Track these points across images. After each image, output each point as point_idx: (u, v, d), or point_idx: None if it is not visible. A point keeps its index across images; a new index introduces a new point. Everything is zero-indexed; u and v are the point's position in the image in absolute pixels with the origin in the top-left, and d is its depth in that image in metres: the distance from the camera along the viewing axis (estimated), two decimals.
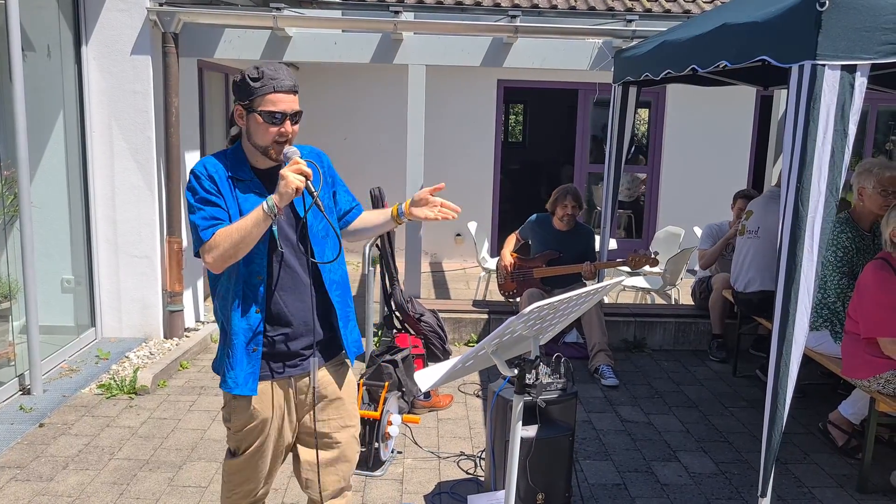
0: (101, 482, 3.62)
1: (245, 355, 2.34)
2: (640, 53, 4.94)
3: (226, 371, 2.36)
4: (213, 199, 2.26)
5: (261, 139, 2.28)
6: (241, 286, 2.33)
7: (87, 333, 5.59)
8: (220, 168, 2.31)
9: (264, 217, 2.19)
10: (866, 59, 2.72)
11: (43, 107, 5.15)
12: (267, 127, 2.25)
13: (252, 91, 2.24)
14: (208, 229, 2.23)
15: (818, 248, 2.85)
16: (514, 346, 2.25)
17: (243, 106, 2.28)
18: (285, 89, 2.26)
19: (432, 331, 5.38)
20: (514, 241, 5.88)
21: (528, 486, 3.24)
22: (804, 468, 3.95)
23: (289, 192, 2.17)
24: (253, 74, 2.25)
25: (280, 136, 2.27)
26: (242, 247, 2.22)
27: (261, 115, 2.24)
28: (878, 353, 3.58)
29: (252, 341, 2.35)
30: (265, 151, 2.29)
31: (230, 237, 2.21)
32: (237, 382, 2.35)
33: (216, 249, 2.21)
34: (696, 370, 5.54)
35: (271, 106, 2.24)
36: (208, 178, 2.28)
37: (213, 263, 2.24)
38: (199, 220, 2.25)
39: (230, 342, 2.35)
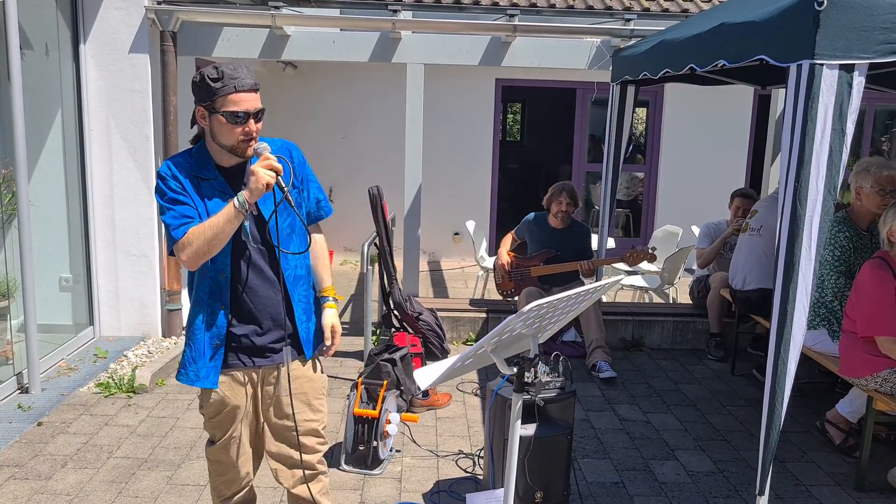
0: (100, 481, 3.62)
1: (210, 349, 2.41)
2: (638, 52, 4.94)
3: (187, 363, 2.45)
4: (181, 199, 2.30)
5: (226, 139, 2.30)
6: (208, 283, 2.39)
7: (85, 332, 5.58)
8: (185, 168, 2.34)
9: (235, 213, 2.23)
10: (864, 58, 2.72)
11: (41, 105, 5.15)
12: (231, 127, 2.26)
13: (213, 92, 2.24)
14: (179, 227, 2.27)
15: (816, 248, 2.86)
16: (513, 345, 2.25)
17: (205, 107, 2.28)
18: (246, 88, 2.26)
19: (431, 330, 5.38)
20: (511, 240, 5.88)
21: (527, 484, 3.25)
22: (802, 466, 3.96)
23: (259, 187, 2.21)
24: (212, 75, 2.24)
25: (245, 136, 2.29)
26: (216, 243, 2.26)
27: (224, 115, 2.25)
28: (876, 352, 3.59)
29: (215, 337, 2.41)
30: (232, 150, 2.32)
31: (203, 234, 2.24)
32: (198, 375, 2.43)
33: (189, 247, 2.25)
34: (694, 369, 5.55)
35: (234, 106, 2.24)
36: (173, 178, 2.32)
37: (187, 261, 2.28)
38: (170, 219, 2.29)
39: (193, 335, 2.42)
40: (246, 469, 2.66)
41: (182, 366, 2.48)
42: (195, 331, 2.42)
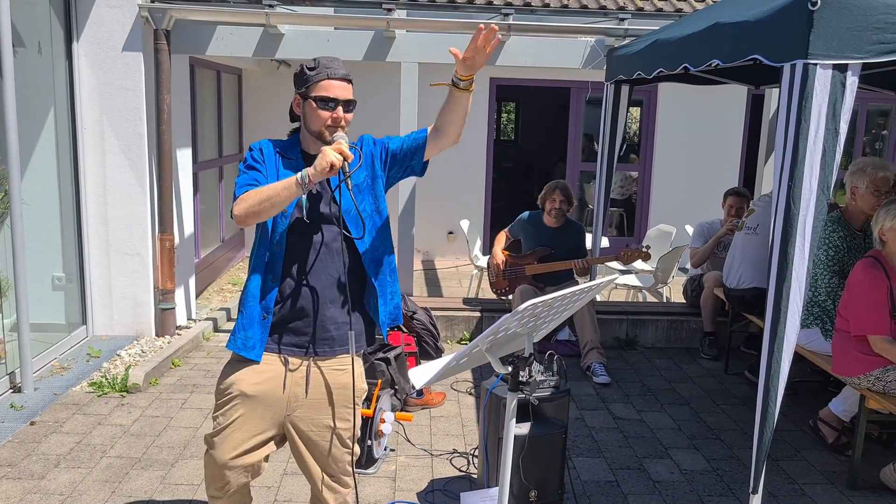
0: (93, 480, 3.61)
1: (257, 321, 2.42)
2: (632, 52, 4.95)
3: (237, 329, 2.45)
4: (256, 166, 2.41)
5: (314, 124, 2.41)
6: (264, 252, 2.42)
7: (78, 331, 5.56)
8: (272, 145, 2.48)
9: (296, 184, 2.25)
10: (858, 58, 2.73)
11: (34, 103, 5.12)
12: (320, 112, 2.38)
13: (308, 79, 2.40)
14: (244, 186, 2.36)
15: (809, 247, 2.86)
16: (507, 344, 2.25)
17: (300, 94, 2.43)
18: (338, 76, 2.41)
19: (425, 329, 5.38)
20: (504, 238, 5.88)
21: (521, 483, 3.25)
22: (795, 465, 3.97)
23: (323, 165, 2.22)
24: (310, 64, 2.41)
25: (333, 122, 2.39)
26: (267, 206, 2.28)
27: (315, 100, 2.38)
28: (868, 351, 3.60)
29: (264, 308, 2.42)
30: (319, 135, 2.41)
31: (258, 194, 2.29)
32: (246, 344, 2.43)
33: (244, 203, 2.30)
34: (688, 368, 5.56)
35: (324, 91, 2.38)
36: (259, 150, 2.45)
37: (238, 216, 2.31)
38: (240, 179, 2.39)
39: (246, 302, 2.44)
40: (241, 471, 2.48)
41: (234, 332, 2.47)
42: (248, 298, 2.43)
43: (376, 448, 3.80)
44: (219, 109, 7.89)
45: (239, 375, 2.45)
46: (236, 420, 2.45)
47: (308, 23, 5.84)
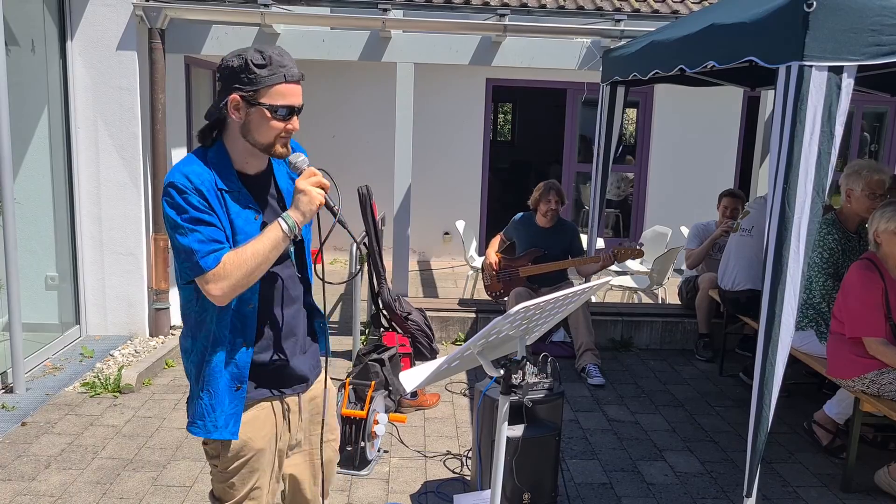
0: (85, 481, 3.59)
1: (227, 395, 2.05)
2: (628, 53, 4.95)
3: (204, 413, 2.05)
4: (206, 219, 1.93)
5: (263, 136, 1.97)
6: (230, 317, 2.03)
7: (71, 331, 5.54)
8: (207, 178, 1.96)
9: (283, 239, 1.95)
10: (853, 60, 2.73)
11: (27, 102, 5.10)
12: (272, 122, 1.95)
13: (258, 80, 1.92)
14: (209, 255, 1.91)
15: (804, 249, 2.86)
16: (500, 346, 2.24)
17: (244, 97, 1.93)
18: (295, 79, 1.96)
19: (419, 329, 5.37)
20: (499, 241, 5.87)
21: (515, 485, 3.24)
22: (789, 467, 3.97)
23: (312, 209, 1.95)
24: (258, 60, 1.92)
25: (286, 133, 1.99)
26: (258, 274, 1.95)
27: (268, 109, 1.93)
28: (863, 354, 3.60)
29: (237, 379, 2.06)
30: (267, 149, 2.00)
31: (244, 265, 1.92)
32: (217, 425, 2.05)
33: (226, 280, 1.91)
34: (683, 369, 5.56)
35: (280, 99, 1.94)
36: (195, 191, 1.92)
37: (221, 296, 1.93)
38: (196, 244, 1.91)
39: (212, 380, 2.04)
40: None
41: (198, 416, 2.06)
42: (214, 375, 2.03)
43: (370, 449, 3.79)
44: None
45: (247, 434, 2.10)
46: (260, 480, 2.18)
47: (303, 23, 5.83)
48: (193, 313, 2.08)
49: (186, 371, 2.16)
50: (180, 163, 2.01)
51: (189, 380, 2.14)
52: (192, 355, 2.10)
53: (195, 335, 2.09)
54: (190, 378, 2.13)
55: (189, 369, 2.13)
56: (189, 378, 2.14)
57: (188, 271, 1.95)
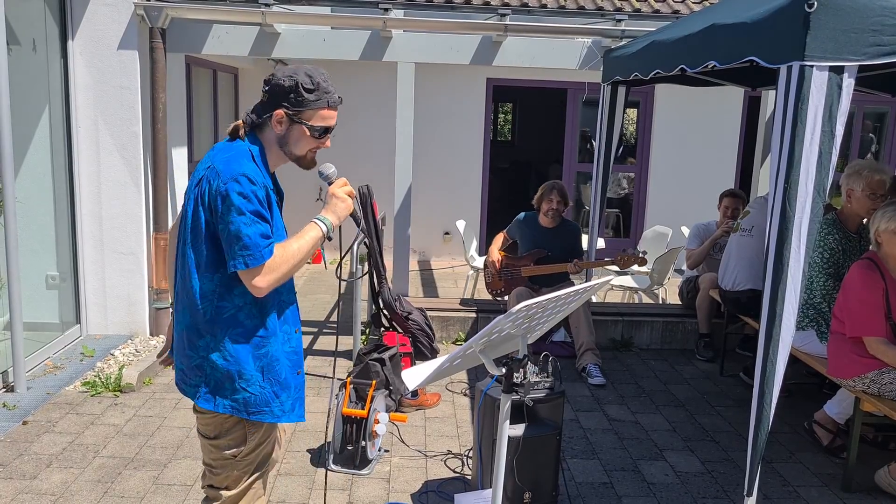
0: (86, 480, 3.59)
1: (292, 380, 2.25)
2: (628, 53, 4.95)
3: (269, 400, 2.20)
4: (265, 215, 2.11)
5: (299, 149, 2.21)
6: (276, 308, 2.21)
7: (71, 330, 5.54)
8: (261, 175, 2.14)
9: (321, 239, 2.17)
10: (854, 60, 2.73)
11: (28, 101, 5.10)
12: (311, 140, 2.20)
13: (305, 103, 2.15)
14: (267, 248, 2.07)
15: (805, 249, 2.86)
16: (501, 345, 2.25)
17: (289, 114, 2.16)
18: (336, 105, 2.22)
19: (420, 329, 5.37)
20: (502, 239, 5.87)
21: (516, 484, 3.24)
22: (790, 467, 3.97)
23: (346, 214, 2.18)
24: (308, 85, 2.14)
25: (317, 148, 2.25)
26: (295, 270, 2.14)
27: (310, 129, 2.18)
28: (864, 353, 3.60)
29: (297, 364, 2.26)
30: (299, 161, 2.24)
31: (290, 260, 2.11)
32: (284, 410, 2.24)
33: (274, 273, 2.08)
34: (683, 369, 5.56)
35: (321, 121, 2.18)
36: (262, 186, 2.11)
37: (265, 288, 2.09)
38: (258, 237, 2.06)
39: (271, 371, 2.19)
40: None
41: (263, 405, 2.20)
42: (275, 363, 2.20)
43: (370, 449, 3.79)
44: (215, 108, 7.87)
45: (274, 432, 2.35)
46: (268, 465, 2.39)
47: (304, 22, 5.83)
48: (211, 309, 2.14)
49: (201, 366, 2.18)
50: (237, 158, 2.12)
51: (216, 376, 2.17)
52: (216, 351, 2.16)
53: (214, 332, 2.15)
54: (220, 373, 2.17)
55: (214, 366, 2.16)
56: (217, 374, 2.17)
57: (242, 262, 2.05)
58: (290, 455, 3.91)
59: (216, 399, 2.19)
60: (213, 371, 2.18)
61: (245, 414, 2.19)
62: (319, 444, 4.07)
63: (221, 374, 2.17)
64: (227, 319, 2.15)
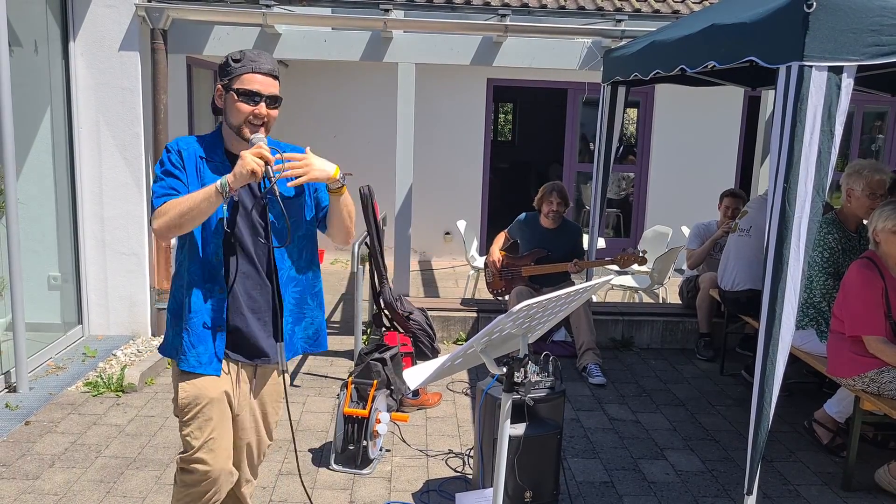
0: (88, 480, 3.60)
1: (209, 335, 2.37)
2: (629, 53, 4.96)
3: (186, 349, 2.37)
4: (174, 172, 2.31)
5: (234, 118, 2.33)
6: (199, 266, 2.36)
7: (73, 331, 5.55)
8: (193, 147, 2.36)
9: (215, 193, 2.20)
10: (853, 60, 2.74)
11: (30, 103, 5.11)
12: (241, 105, 2.30)
13: (231, 70, 2.32)
14: (161, 197, 2.28)
15: (804, 248, 2.87)
16: (502, 345, 2.26)
17: (223, 85, 2.35)
18: (263, 71, 2.31)
19: (421, 329, 5.38)
20: (503, 239, 5.89)
21: (516, 483, 3.25)
22: (790, 466, 3.98)
23: (243, 172, 2.18)
24: (236, 56, 2.32)
25: (254, 118, 2.31)
26: (188, 219, 2.23)
27: (236, 93, 2.30)
28: (863, 352, 3.61)
29: (217, 321, 2.38)
30: (238, 131, 2.33)
31: (178, 206, 2.23)
32: (200, 361, 2.37)
33: (163, 216, 2.24)
34: (684, 369, 5.57)
35: (247, 84, 2.29)
36: (177, 152, 2.34)
37: (158, 230, 2.26)
38: (157, 188, 2.31)
39: (189, 319, 2.36)
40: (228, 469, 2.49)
41: (181, 352, 2.38)
42: (192, 314, 2.36)
43: (372, 448, 3.80)
44: None
45: (201, 383, 2.39)
46: (215, 427, 2.42)
47: (305, 23, 5.84)
48: (176, 264, 2.47)
49: (167, 316, 2.49)
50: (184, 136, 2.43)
51: (168, 323, 2.47)
52: (172, 299, 2.45)
53: (175, 281, 2.46)
54: (169, 321, 2.46)
55: (168, 313, 2.46)
56: (168, 321, 2.47)
57: (150, 210, 2.35)
58: (291, 455, 3.92)
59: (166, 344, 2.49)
60: (168, 318, 2.47)
61: (175, 359, 2.42)
62: (321, 443, 4.08)
63: (170, 320, 2.46)
64: (179, 271, 2.44)
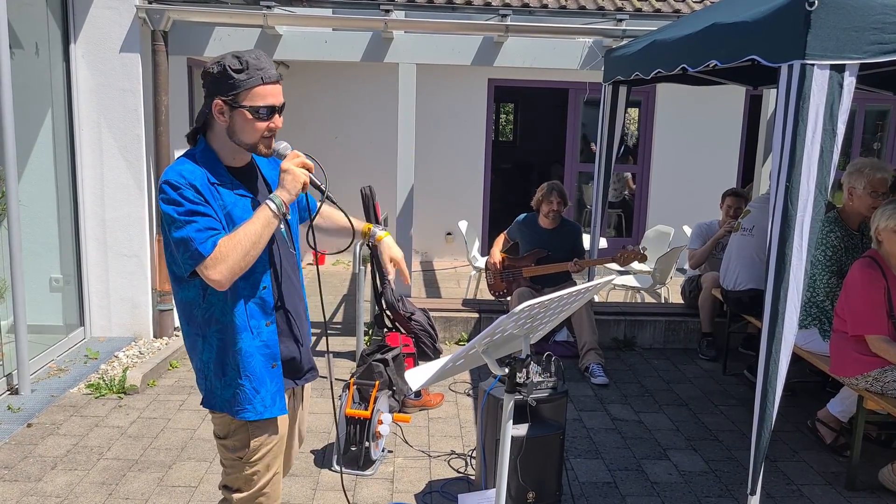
0: (90, 482, 3.60)
1: (267, 374, 2.19)
2: (630, 53, 4.95)
3: (250, 397, 2.17)
4: (201, 210, 2.03)
5: (248, 136, 2.09)
6: (243, 303, 2.13)
7: (75, 333, 5.55)
8: (199, 174, 2.07)
9: (273, 217, 2.05)
10: (855, 58, 2.73)
11: (31, 105, 5.12)
12: (255, 123, 2.07)
13: (237, 84, 2.03)
14: (207, 241, 2.00)
15: (807, 247, 2.86)
16: (504, 345, 2.25)
17: (225, 101, 2.05)
18: (273, 80, 2.09)
19: (423, 330, 5.37)
20: (503, 241, 5.88)
21: (519, 484, 3.25)
22: (793, 466, 3.97)
23: (297, 186, 2.05)
24: (235, 65, 2.03)
25: (269, 132, 2.11)
26: (253, 254, 2.03)
27: (249, 110, 2.05)
28: (866, 352, 3.60)
29: (270, 358, 2.19)
30: (253, 148, 2.12)
31: (239, 245, 2.00)
32: (265, 405, 2.19)
33: (224, 262, 1.99)
34: (686, 368, 5.56)
35: (260, 100, 2.05)
36: (189, 186, 2.03)
37: (221, 280, 2.01)
38: (193, 233, 2.00)
39: (245, 366, 2.16)
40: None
41: (241, 402, 2.17)
42: (249, 360, 2.15)
43: (374, 449, 3.79)
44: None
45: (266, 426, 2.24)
46: (280, 462, 2.32)
47: (306, 24, 5.84)
48: (200, 312, 2.17)
49: (202, 368, 2.22)
50: (172, 164, 2.12)
51: (209, 376, 2.21)
52: (207, 352, 2.19)
53: (205, 333, 2.18)
54: (211, 374, 2.20)
55: (207, 366, 2.20)
56: (209, 374, 2.21)
57: (189, 261, 2.03)
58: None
59: (213, 398, 2.22)
60: (206, 371, 2.21)
61: (231, 412, 2.19)
62: (323, 444, 4.08)
63: (211, 373, 2.20)
64: (208, 319, 2.16)
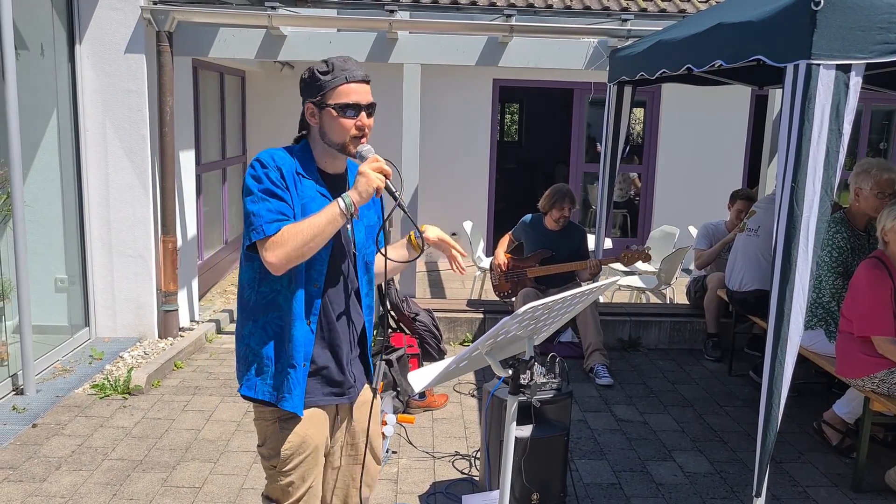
0: (95, 483, 3.60)
1: (302, 373, 2.16)
2: (635, 53, 4.94)
3: (293, 387, 2.14)
4: (279, 193, 2.08)
5: (337, 136, 2.13)
6: (301, 293, 2.14)
7: (80, 333, 5.56)
8: (288, 162, 2.12)
9: (340, 215, 2.04)
10: (861, 58, 2.72)
11: (36, 105, 5.13)
12: (343, 121, 2.11)
13: (322, 85, 2.10)
14: (274, 223, 2.04)
15: (813, 248, 2.85)
16: (508, 346, 2.24)
17: (314, 103, 2.13)
18: (358, 79, 2.12)
19: (427, 330, 5.37)
20: (508, 241, 5.87)
21: (523, 485, 3.24)
22: (799, 467, 3.95)
23: (369, 189, 2.05)
24: (322, 68, 2.11)
25: (357, 130, 2.12)
26: (312, 247, 2.04)
27: (335, 108, 2.10)
28: (873, 353, 3.58)
29: (305, 356, 2.17)
30: (343, 148, 2.14)
31: (300, 235, 2.02)
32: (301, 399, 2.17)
33: (282, 247, 2.02)
34: (692, 369, 5.54)
35: (345, 98, 2.10)
36: (276, 168, 2.09)
37: (276, 263, 2.03)
38: (264, 211, 2.05)
39: (289, 356, 2.14)
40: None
41: (283, 391, 2.15)
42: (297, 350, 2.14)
43: None
44: (222, 111, 7.89)
45: (303, 431, 2.20)
46: (316, 476, 2.27)
47: (310, 24, 5.84)
48: (255, 296, 2.18)
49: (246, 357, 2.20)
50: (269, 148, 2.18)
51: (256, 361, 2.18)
52: (256, 336, 2.18)
53: (256, 318, 2.18)
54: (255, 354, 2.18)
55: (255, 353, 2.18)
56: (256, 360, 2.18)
57: (252, 234, 2.07)
58: None
59: (256, 385, 2.18)
60: (253, 357, 2.19)
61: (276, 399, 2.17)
62: None
63: (259, 358, 2.18)
64: (267, 304, 2.16)
